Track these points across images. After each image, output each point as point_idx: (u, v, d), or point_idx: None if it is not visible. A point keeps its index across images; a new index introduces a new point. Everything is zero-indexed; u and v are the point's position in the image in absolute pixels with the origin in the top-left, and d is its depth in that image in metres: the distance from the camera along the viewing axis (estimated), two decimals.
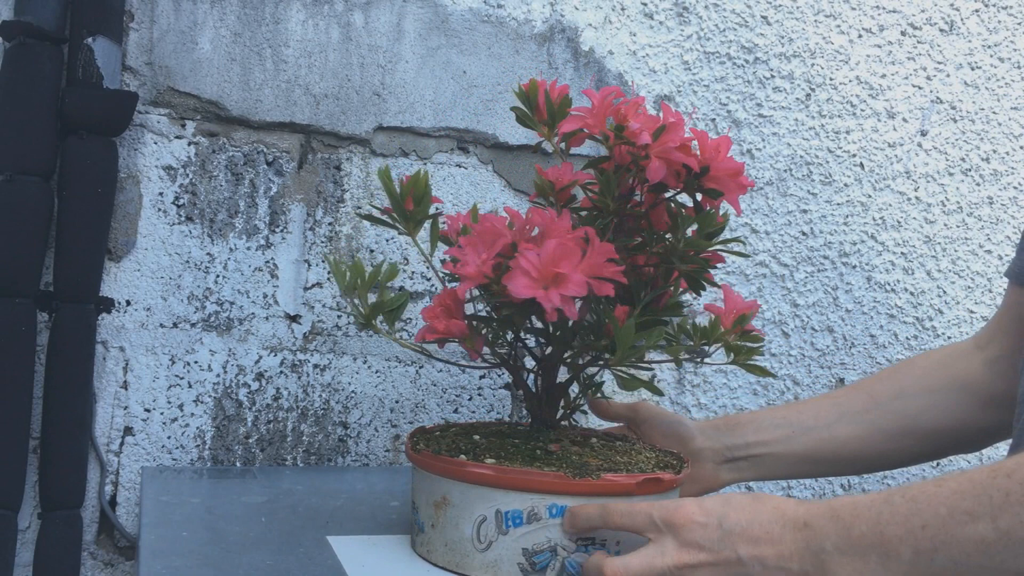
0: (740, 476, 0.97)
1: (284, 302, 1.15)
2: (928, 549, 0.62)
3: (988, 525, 0.60)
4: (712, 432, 0.97)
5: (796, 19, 1.36)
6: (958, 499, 0.62)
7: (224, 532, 0.88)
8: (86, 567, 1.10)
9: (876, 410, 0.96)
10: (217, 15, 1.11)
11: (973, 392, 0.95)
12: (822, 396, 1.03)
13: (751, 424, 0.98)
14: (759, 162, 1.36)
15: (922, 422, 0.95)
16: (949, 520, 0.61)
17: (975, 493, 0.61)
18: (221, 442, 1.13)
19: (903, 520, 0.63)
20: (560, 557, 0.76)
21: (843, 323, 1.42)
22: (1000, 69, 1.48)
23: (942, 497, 0.62)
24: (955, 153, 1.46)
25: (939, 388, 0.96)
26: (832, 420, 0.97)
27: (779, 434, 0.97)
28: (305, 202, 1.16)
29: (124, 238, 1.10)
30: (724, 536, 0.68)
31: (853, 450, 0.96)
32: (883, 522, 0.64)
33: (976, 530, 0.60)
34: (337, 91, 1.16)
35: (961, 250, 1.48)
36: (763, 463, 0.97)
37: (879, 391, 0.98)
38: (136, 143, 1.10)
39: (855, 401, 0.98)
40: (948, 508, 0.62)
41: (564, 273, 0.72)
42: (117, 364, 1.10)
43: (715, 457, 0.96)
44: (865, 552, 0.64)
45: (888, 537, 0.63)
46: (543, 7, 1.24)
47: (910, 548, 0.62)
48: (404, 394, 1.20)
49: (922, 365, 1.00)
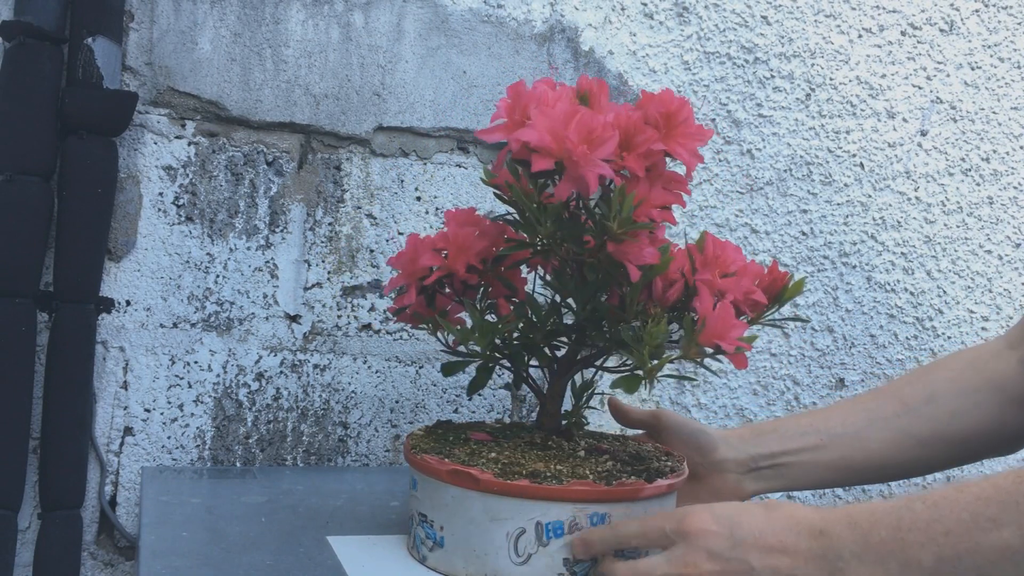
0: (765, 486, 0.94)
1: (284, 302, 1.15)
2: (951, 556, 0.60)
3: (1014, 532, 0.59)
4: (736, 442, 0.94)
5: (796, 19, 1.36)
6: (982, 505, 0.60)
7: (224, 532, 0.88)
8: (86, 567, 1.10)
9: (907, 415, 0.93)
10: (217, 15, 1.11)
11: (1008, 393, 0.91)
12: (848, 401, 0.99)
13: (775, 432, 0.95)
14: (759, 162, 1.36)
15: (955, 426, 0.92)
16: (973, 526, 0.60)
17: (1000, 499, 0.60)
18: (221, 442, 1.13)
19: (924, 526, 0.62)
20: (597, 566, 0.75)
21: (843, 323, 1.42)
22: (1000, 69, 1.48)
23: (965, 503, 0.61)
24: (955, 153, 1.46)
25: (972, 390, 0.92)
26: (861, 426, 0.93)
27: (806, 442, 0.93)
28: (305, 202, 1.16)
29: (124, 238, 1.10)
30: (736, 545, 0.67)
31: (884, 457, 0.93)
32: (903, 528, 0.62)
33: (1001, 537, 0.59)
34: (337, 91, 1.16)
35: (961, 250, 1.48)
36: (789, 472, 0.93)
37: (909, 395, 0.94)
38: (136, 143, 1.10)
39: (885, 406, 0.94)
40: (971, 514, 0.60)
41: None
42: (117, 364, 1.10)
43: (739, 468, 0.93)
44: (884, 560, 0.63)
45: (909, 544, 0.62)
46: (543, 7, 1.24)
47: (932, 555, 0.61)
48: (404, 394, 1.20)
49: (953, 367, 0.96)
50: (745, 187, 1.32)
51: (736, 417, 1.37)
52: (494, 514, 0.75)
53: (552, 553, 0.74)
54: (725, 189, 1.34)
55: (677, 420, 0.95)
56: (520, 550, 0.74)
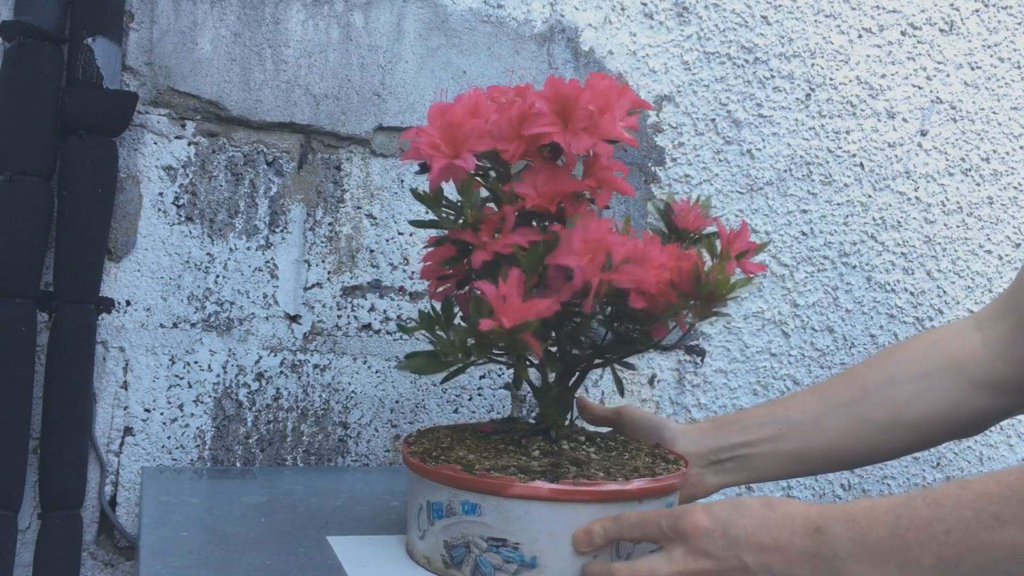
0: (728, 479, 0.92)
1: (284, 302, 1.15)
2: (953, 555, 0.59)
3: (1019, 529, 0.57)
4: (696, 435, 0.92)
5: (796, 19, 1.36)
6: (985, 502, 0.59)
7: (224, 532, 0.88)
8: (86, 567, 1.10)
9: (864, 400, 0.90)
10: (217, 15, 1.11)
11: (968, 374, 0.88)
12: (810, 388, 0.97)
13: (735, 424, 0.93)
14: (759, 162, 1.36)
15: (914, 411, 0.89)
16: (975, 525, 0.58)
17: (1003, 496, 0.58)
18: (221, 442, 1.13)
19: (925, 524, 0.60)
20: (473, 555, 0.76)
21: (843, 323, 1.42)
22: (1000, 69, 1.48)
23: (967, 500, 0.59)
24: (955, 153, 1.46)
25: (931, 372, 0.89)
26: (819, 414, 0.91)
27: (764, 432, 0.91)
28: (305, 202, 1.16)
29: (124, 238, 1.10)
30: (730, 543, 0.66)
31: (844, 444, 0.90)
32: (903, 527, 0.61)
33: (1005, 535, 0.57)
34: (337, 91, 1.16)
35: (961, 250, 1.48)
36: (749, 464, 0.91)
37: (868, 379, 0.91)
38: (136, 143, 1.10)
39: (843, 391, 0.92)
40: (974, 512, 0.59)
41: None
42: (117, 364, 1.10)
43: (700, 461, 0.91)
44: (883, 559, 0.61)
45: (909, 543, 0.60)
46: (543, 7, 1.24)
47: (933, 554, 0.59)
48: (404, 394, 1.20)
49: (915, 348, 0.93)
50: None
51: None
52: (412, 491, 0.82)
53: (436, 533, 0.78)
54: (725, 189, 1.34)
55: (638, 414, 0.94)
56: (421, 526, 0.80)
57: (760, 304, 1.37)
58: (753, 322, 1.37)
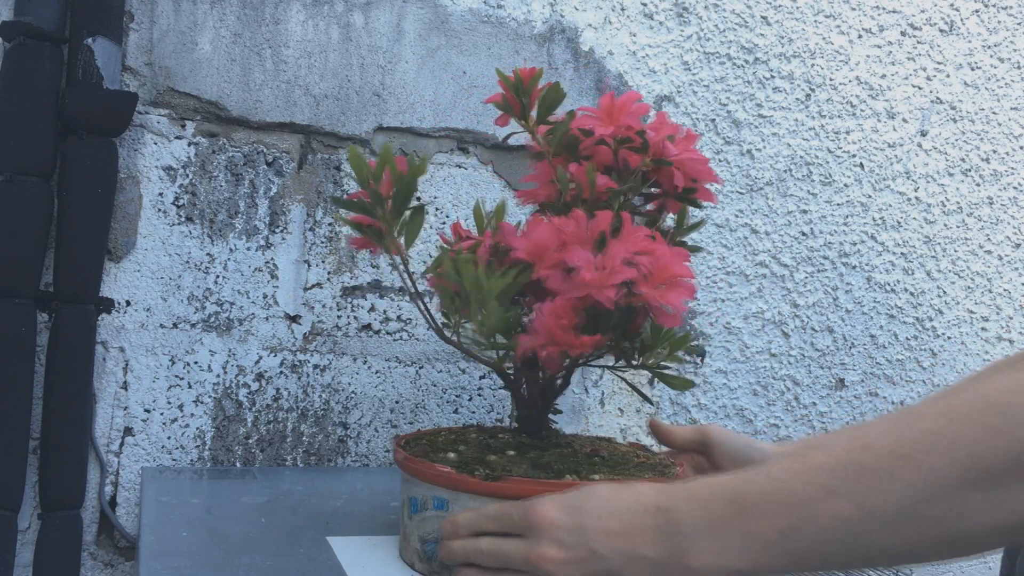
0: None
1: (284, 302, 1.15)
2: (788, 528, 0.58)
3: (846, 501, 0.56)
4: None
5: (796, 19, 1.36)
6: (816, 474, 0.58)
7: (224, 532, 0.88)
8: (86, 567, 1.10)
9: None
10: (217, 15, 1.11)
11: None
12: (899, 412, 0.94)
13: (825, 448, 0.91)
14: (759, 162, 1.36)
15: None
16: (807, 497, 0.58)
17: (831, 467, 0.57)
18: (221, 442, 1.13)
19: (761, 498, 0.59)
20: None
21: (843, 323, 1.42)
22: (1000, 69, 1.48)
23: (801, 472, 0.59)
24: (955, 153, 1.46)
25: None
26: None
27: None
28: (305, 202, 1.16)
29: (124, 238, 1.10)
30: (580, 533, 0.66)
31: None
32: (744, 502, 0.60)
33: (835, 507, 0.56)
34: (337, 91, 1.16)
35: (961, 250, 1.48)
36: None
37: None
38: (136, 143, 1.10)
39: None
40: (805, 484, 0.58)
41: None
42: (117, 364, 1.10)
43: None
44: (727, 534, 0.60)
45: (749, 516, 0.59)
46: (543, 7, 1.24)
47: (774, 528, 0.59)
48: (404, 394, 1.20)
49: None
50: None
51: (736, 417, 1.37)
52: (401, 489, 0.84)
53: (414, 526, 0.81)
54: (725, 189, 1.34)
55: (725, 436, 0.90)
56: (403, 522, 0.83)
57: (760, 304, 1.37)
58: (753, 322, 1.37)
